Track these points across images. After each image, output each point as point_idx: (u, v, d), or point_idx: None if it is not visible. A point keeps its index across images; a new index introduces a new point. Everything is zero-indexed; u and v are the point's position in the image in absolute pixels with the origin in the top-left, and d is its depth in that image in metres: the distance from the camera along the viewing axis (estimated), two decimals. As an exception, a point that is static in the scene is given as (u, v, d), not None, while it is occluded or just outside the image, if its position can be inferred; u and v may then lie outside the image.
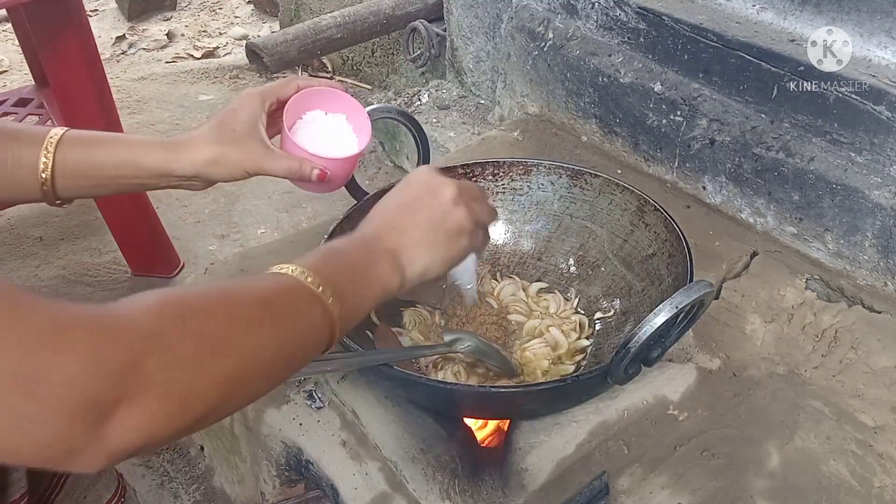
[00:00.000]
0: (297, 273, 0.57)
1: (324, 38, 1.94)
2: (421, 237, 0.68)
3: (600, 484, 0.82)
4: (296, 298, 0.56)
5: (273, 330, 0.53)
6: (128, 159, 0.77)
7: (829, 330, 0.98)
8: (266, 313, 0.53)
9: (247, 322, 0.51)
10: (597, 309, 0.98)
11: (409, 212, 0.69)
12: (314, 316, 0.56)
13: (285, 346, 0.54)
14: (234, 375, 0.49)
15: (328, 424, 0.89)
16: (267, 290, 0.55)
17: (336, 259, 0.62)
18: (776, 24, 1.11)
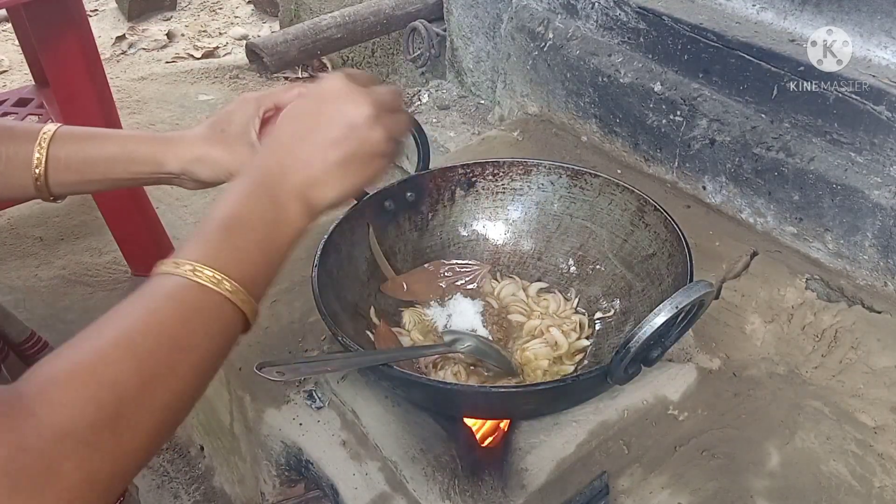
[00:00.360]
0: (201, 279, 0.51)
1: (324, 38, 1.94)
2: (331, 168, 0.61)
3: (600, 484, 0.82)
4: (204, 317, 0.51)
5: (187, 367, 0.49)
6: (119, 154, 0.76)
7: (829, 330, 0.98)
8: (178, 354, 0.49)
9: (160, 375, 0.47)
10: (597, 309, 0.98)
11: (318, 138, 0.61)
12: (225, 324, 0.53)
13: (202, 370, 0.51)
14: (157, 428, 0.47)
15: (328, 424, 0.89)
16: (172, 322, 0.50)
17: (239, 236, 0.56)
18: (776, 24, 1.11)
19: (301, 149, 0.61)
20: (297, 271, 1.09)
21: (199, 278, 0.51)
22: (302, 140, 0.61)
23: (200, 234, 0.56)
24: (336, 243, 0.91)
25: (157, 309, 0.50)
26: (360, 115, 0.62)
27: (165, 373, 0.48)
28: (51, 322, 1.66)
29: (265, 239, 0.57)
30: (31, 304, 1.72)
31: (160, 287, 0.52)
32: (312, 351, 0.97)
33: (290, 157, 0.61)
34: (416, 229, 1.04)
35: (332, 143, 0.61)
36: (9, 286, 1.76)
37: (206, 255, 0.53)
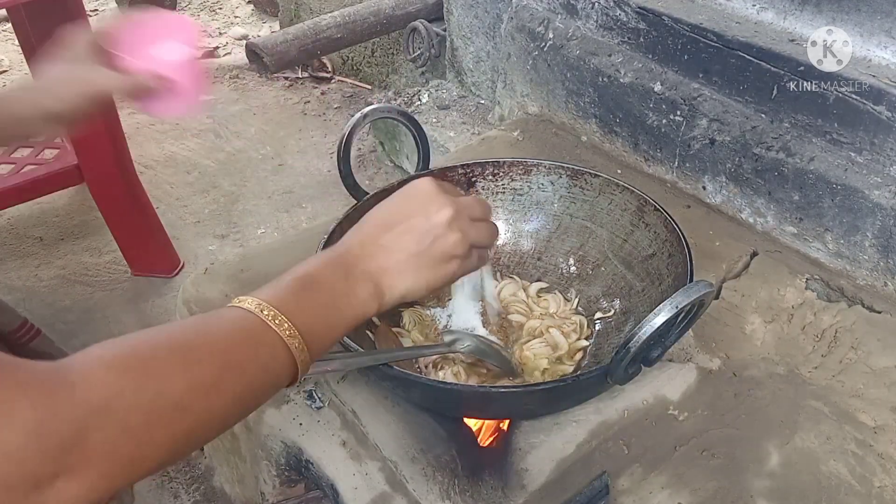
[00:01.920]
0: (265, 314, 0.54)
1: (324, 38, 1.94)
2: (406, 260, 0.64)
3: (600, 484, 0.82)
4: (259, 348, 0.54)
5: (231, 388, 0.51)
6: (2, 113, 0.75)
7: (829, 330, 0.98)
8: (226, 373, 0.51)
9: (204, 385, 0.49)
10: (597, 309, 0.98)
11: (399, 230, 0.65)
12: (276, 365, 0.55)
13: (240, 401, 0.52)
14: (185, 436, 0.48)
15: (328, 424, 0.89)
16: (230, 343, 0.52)
17: (309, 292, 0.59)
18: (776, 23, 1.11)
19: (382, 237, 0.65)
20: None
21: (263, 314, 0.54)
22: (384, 229, 0.65)
23: (276, 281, 0.59)
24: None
25: (218, 329, 0.53)
26: (442, 216, 0.65)
27: (209, 388, 0.50)
28: (51, 322, 1.66)
29: (331, 305, 0.60)
30: (31, 305, 1.72)
31: (226, 313, 0.55)
32: (312, 351, 0.97)
33: (371, 242, 0.65)
34: (416, 229, 1.03)
35: (410, 237, 0.65)
36: (9, 286, 1.76)
37: (275, 297, 0.56)
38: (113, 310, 1.70)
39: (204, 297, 1.07)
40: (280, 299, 0.56)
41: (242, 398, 0.53)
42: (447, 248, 0.66)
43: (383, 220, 0.66)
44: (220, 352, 0.51)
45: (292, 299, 0.57)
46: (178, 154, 2.23)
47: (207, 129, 2.33)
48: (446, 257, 0.66)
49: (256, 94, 2.53)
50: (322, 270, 0.61)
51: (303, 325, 0.56)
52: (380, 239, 0.65)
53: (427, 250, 0.65)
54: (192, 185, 2.11)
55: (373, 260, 0.64)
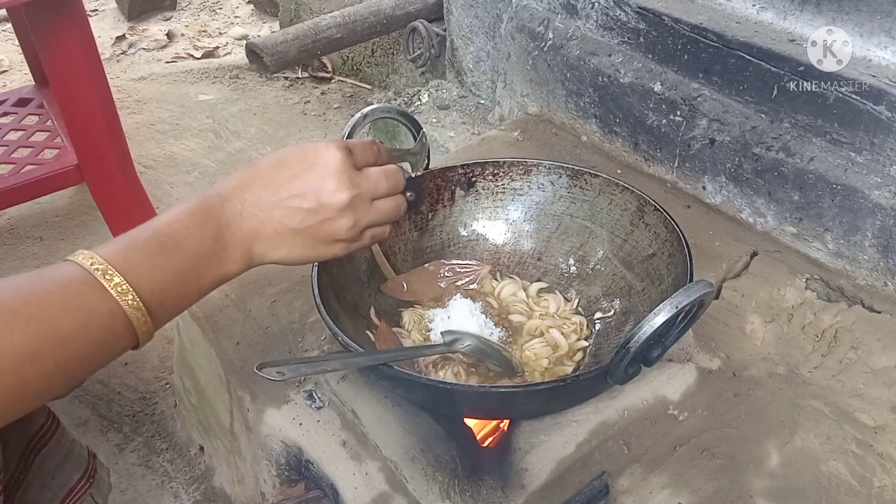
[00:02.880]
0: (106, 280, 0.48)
1: (324, 38, 1.94)
2: (284, 233, 0.59)
3: (600, 484, 0.83)
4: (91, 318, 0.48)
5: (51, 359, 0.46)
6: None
7: (829, 330, 0.98)
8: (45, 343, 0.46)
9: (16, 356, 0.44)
10: (597, 309, 0.98)
11: (286, 201, 0.58)
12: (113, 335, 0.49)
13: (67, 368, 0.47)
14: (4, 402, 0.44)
15: (328, 424, 0.89)
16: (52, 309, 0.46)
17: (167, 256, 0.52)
18: (776, 23, 1.11)
19: (265, 197, 0.58)
20: (297, 271, 1.09)
21: (106, 281, 0.48)
22: (269, 190, 0.59)
23: (131, 237, 0.52)
24: (336, 243, 0.91)
25: (47, 291, 0.47)
26: (337, 199, 0.59)
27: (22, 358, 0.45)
28: (51, 322, 1.66)
29: (191, 270, 0.54)
30: (31, 304, 1.71)
31: (62, 273, 0.49)
32: (312, 351, 0.97)
33: (252, 199, 0.58)
34: (416, 229, 1.04)
35: (296, 212, 0.58)
36: (9, 286, 1.76)
37: (124, 259, 0.50)
38: (113, 310, 1.69)
39: (204, 297, 1.07)
40: (129, 262, 0.50)
41: (68, 368, 0.48)
42: (333, 232, 0.61)
43: (271, 178, 0.59)
44: (40, 320, 0.46)
45: (144, 262, 0.51)
46: (178, 154, 2.23)
47: (207, 129, 2.33)
48: (330, 240, 0.61)
49: (256, 94, 2.53)
50: (189, 229, 0.55)
51: (150, 293, 0.50)
52: (261, 199, 0.58)
53: (310, 230, 0.60)
54: (192, 185, 2.11)
55: (248, 222, 0.57)
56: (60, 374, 0.47)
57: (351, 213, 0.60)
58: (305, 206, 0.59)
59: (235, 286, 1.07)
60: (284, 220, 0.58)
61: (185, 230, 0.54)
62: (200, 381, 1.10)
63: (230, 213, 0.57)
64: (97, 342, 0.49)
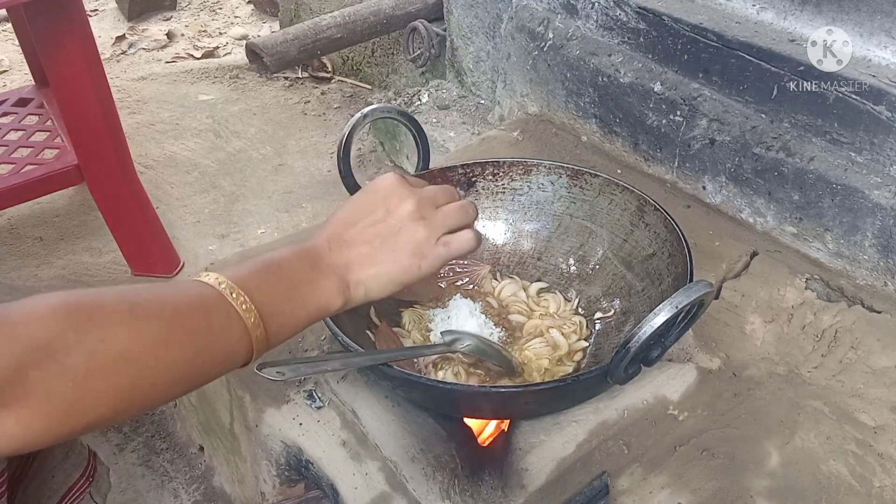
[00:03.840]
0: (223, 287, 0.54)
1: (324, 37, 1.94)
2: (370, 254, 0.64)
3: (600, 484, 0.83)
4: (212, 316, 0.53)
5: (179, 348, 0.50)
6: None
7: (829, 330, 0.98)
8: (174, 331, 0.50)
9: (150, 340, 0.48)
10: (597, 309, 0.98)
11: (361, 225, 0.65)
12: (230, 336, 0.54)
13: (191, 365, 0.52)
14: (128, 391, 0.48)
15: (328, 424, 0.89)
16: (182, 304, 0.52)
17: (273, 275, 0.59)
18: (776, 23, 1.11)
19: (346, 233, 0.65)
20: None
21: (220, 287, 0.54)
22: (348, 226, 0.66)
23: (241, 263, 0.59)
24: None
25: (171, 293, 0.53)
26: (404, 208, 0.66)
27: (156, 344, 0.49)
28: (51, 322, 1.65)
29: (294, 290, 0.60)
30: (31, 304, 1.71)
31: (183, 282, 0.56)
32: (312, 351, 0.97)
33: (336, 238, 0.65)
34: (416, 229, 1.03)
35: (373, 231, 0.65)
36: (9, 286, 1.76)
37: (235, 275, 0.56)
38: (113, 310, 1.69)
39: (204, 297, 1.07)
40: (241, 277, 0.56)
41: (192, 362, 0.52)
42: (412, 239, 0.65)
43: (347, 217, 0.67)
44: (169, 310, 0.51)
45: (253, 278, 0.57)
46: (178, 154, 2.23)
47: (207, 129, 2.33)
48: (413, 249, 0.66)
49: (256, 94, 2.53)
50: (288, 259, 0.61)
51: (261, 303, 0.55)
52: (344, 235, 0.65)
53: (391, 243, 0.65)
54: (192, 185, 2.11)
55: (338, 255, 0.64)
56: (186, 367, 0.52)
57: (420, 217, 0.66)
58: (380, 224, 0.65)
59: (235, 286, 1.07)
60: (367, 243, 0.64)
61: (286, 261, 0.61)
62: (200, 381, 1.10)
63: (320, 250, 0.64)
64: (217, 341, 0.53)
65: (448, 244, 0.68)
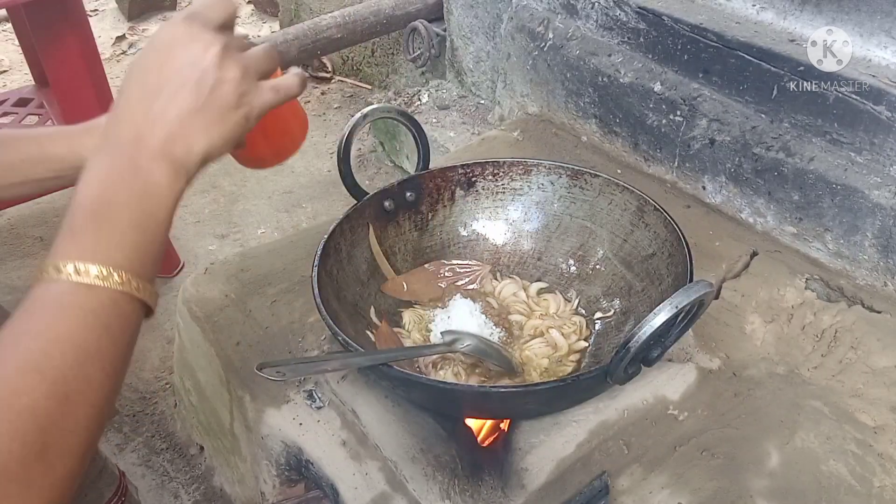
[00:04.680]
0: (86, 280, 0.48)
1: (324, 38, 1.94)
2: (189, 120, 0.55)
3: (600, 484, 0.82)
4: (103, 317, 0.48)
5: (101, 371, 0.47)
6: (37, 154, 0.72)
7: (829, 330, 0.98)
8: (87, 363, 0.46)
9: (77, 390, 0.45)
10: (597, 309, 0.98)
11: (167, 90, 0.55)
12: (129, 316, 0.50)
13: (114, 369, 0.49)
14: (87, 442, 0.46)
15: (328, 424, 0.89)
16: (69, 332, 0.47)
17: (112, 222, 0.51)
18: (776, 24, 1.11)
19: (151, 105, 0.55)
20: (297, 271, 1.09)
21: (86, 279, 0.48)
22: (150, 95, 0.55)
23: (72, 227, 0.51)
24: (336, 243, 0.91)
25: (53, 322, 0.47)
26: (210, 56, 0.55)
27: (81, 387, 0.46)
28: (51, 322, 1.66)
29: (140, 215, 0.52)
30: (31, 304, 1.71)
31: (49, 296, 0.48)
32: (312, 351, 0.97)
33: (142, 116, 0.55)
34: (416, 229, 1.04)
35: (183, 90, 0.55)
36: (9, 286, 1.76)
37: (84, 250, 0.49)
38: (113, 310, 1.70)
39: (204, 297, 1.07)
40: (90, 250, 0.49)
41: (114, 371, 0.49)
42: (232, 89, 0.56)
43: (145, 87, 0.56)
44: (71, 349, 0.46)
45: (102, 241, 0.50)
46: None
47: (207, 129, 2.33)
48: (237, 100, 0.57)
49: (256, 94, 2.53)
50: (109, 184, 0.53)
51: (126, 261, 0.49)
52: (148, 107, 0.55)
53: (211, 100, 0.56)
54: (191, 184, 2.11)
55: (152, 135, 0.54)
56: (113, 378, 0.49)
57: (231, 62, 0.57)
58: (189, 81, 0.55)
59: (236, 286, 1.07)
60: (182, 108, 0.55)
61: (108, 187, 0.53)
62: (200, 381, 1.10)
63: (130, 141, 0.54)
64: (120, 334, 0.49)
65: (277, 89, 0.60)
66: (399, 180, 1.01)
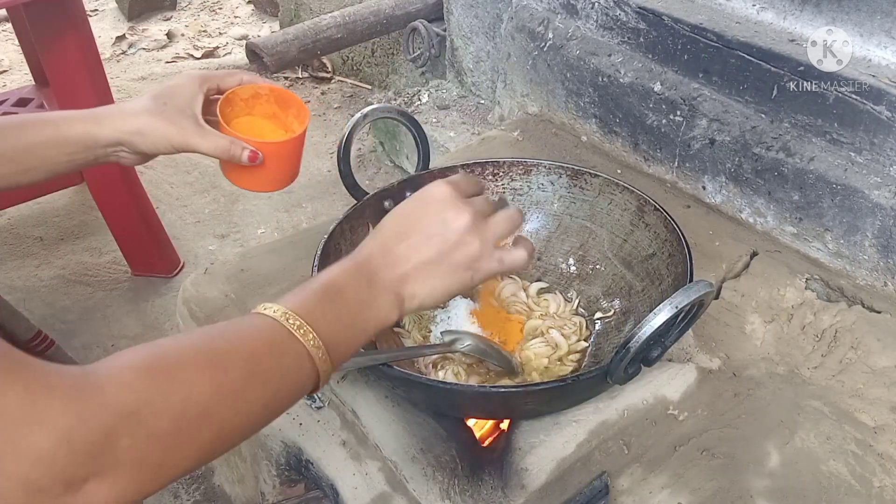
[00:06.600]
0: (290, 324, 0.54)
1: (324, 37, 1.94)
2: (425, 269, 0.64)
3: (600, 484, 0.83)
4: (284, 357, 0.54)
5: (256, 396, 0.52)
6: (51, 136, 0.75)
7: (829, 330, 0.98)
8: (252, 379, 0.51)
9: (231, 392, 0.50)
10: (597, 309, 0.98)
11: (416, 238, 0.64)
12: (301, 374, 0.55)
13: (265, 407, 0.53)
14: (211, 443, 0.49)
15: (328, 424, 0.89)
16: (255, 350, 0.53)
17: (335, 303, 0.59)
18: (776, 23, 1.11)
19: (400, 246, 0.64)
20: (297, 271, 1.09)
21: (290, 325, 0.54)
22: (402, 238, 0.65)
23: (301, 289, 0.59)
24: (336, 243, 0.91)
25: (244, 337, 0.53)
26: (460, 223, 0.65)
27: (235, 395, 0.50)
28: (50, 322, 1.66)
29: (355, 314, 0.60)
30: (31, 305, 1.72)
31: (252, 322, 0.55)
32: (312, 351, 0.97)
33: (390, 251, 0.64)
34: (416, 229, 1.03)
35: (429, 246, 0.64)
36: (9, 286, 1.76)
37: (300, 306, 0.56)
38: (113, 310, 1.70)
39: (204, 297, 1.07)
40: (305, 308, 0.56)
41: (267, 405, 0.53)
42: (467, 255, 0.65)
43: (400, 228, 0.66)
44: (246, 360, 0.51)
45: (317, 308, 0.57)
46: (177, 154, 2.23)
47: (207, 129, 2.33)
48: (465, 265, 0.65)
49: (256, 94, 2.53)
50: (346, 280, 0.61)
51: (326, 335, 0.56)
52: (398, 247, 0.64)
53: (447, 258, 0.65)
54: (192, 185, 2.11)
55: (393, 269, 0.63)
56: (262, 411, 0.53)
57: (475, 231, 0.65)
58: (436, 239, 0.64)
59: (235, 286, 1.07)
60: (422, 258, 0.64)
61: (344, 283, 0.61)
62: (200, 381, 1.10)
63: (375, 265, 0.63)
64: (289, 381, 0.55)
65: (502, 261, 0.68)
66: (399, 180, 1.01)
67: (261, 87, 0.85)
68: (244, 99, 0.85)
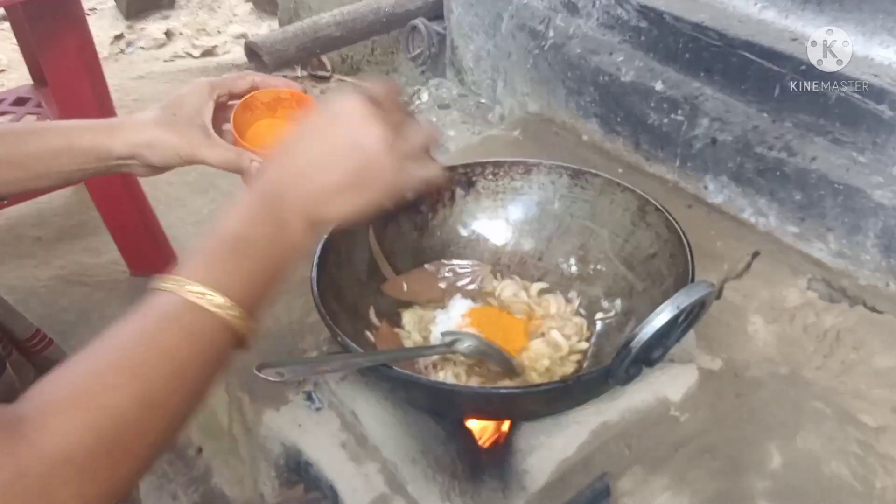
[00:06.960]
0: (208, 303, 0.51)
1: (323, 36, 1.94)
2: (337, 189, 0.59)
3: (601, 485, 0.82)
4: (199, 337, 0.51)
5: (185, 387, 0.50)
6: (63, 146, 0.74)
7: (832, 330, 0.97)
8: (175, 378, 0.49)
9: (158, 399, 0.48)
10: (598, 309, 0.98)
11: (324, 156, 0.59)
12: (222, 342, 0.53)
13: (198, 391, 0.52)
14: (150, 449, 0.48)
15: (327, 425, 0.89)
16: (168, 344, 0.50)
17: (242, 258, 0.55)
18: (778, 22, 1.11)
19: (305, 166, 0.60)
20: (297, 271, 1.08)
21: (205, 303, 0.51)
22: (307, 157, 0.60)
23: (206, 252, 0.55)
24: (336, 243, 0.91)
25: (158, 332, 0.50)
26: (370, 137, 0.59)
27: (164, 398, 0.48)
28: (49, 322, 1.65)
29: (269, 259, 0.57)
30: (30, 305, 1.71)
31: (162, 307, 0.51)
32: (312, 351, 0.97)
33: (294, 173, 0.60)
34: (416, 229, 1.03)
35: (339, 168, 0.60)
36: (7, 286, 1.76)
37: (211, 277, 0.52)
38: (111, 310, 1.69)
39: (203, 297, 1.06)
40: (217, 279, 0.52)
41: (198, 392, 0.52)
42: (383, 174, 0.60)
43: (306, 147, 0.61)
44: (167, 361, 0.49)
45: (230, 273, 0.54)
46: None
47: (206, 129, 2.33)
48: (382, 184, 0.61)
49: (256, 93, 2.53)
50: (251, 224, 0.57)
51: (244, 297, 0.53)
52: (302, 167, 0.60)
53: (358, 177, 0.60)
54: (191, 185, 2.11)
55: (297, 191, 0.59)
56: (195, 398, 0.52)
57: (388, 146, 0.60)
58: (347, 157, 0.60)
59: (234, 286, 1.07)
60: (332, 178, 0.59)
61: (249, 226, 0.57)
62: (199, 382, 1.09)
63: (279, 192, 0.59)
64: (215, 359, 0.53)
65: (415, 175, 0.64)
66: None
67: (282, 91, 0.84)
68: (265, 102, 0.84)
